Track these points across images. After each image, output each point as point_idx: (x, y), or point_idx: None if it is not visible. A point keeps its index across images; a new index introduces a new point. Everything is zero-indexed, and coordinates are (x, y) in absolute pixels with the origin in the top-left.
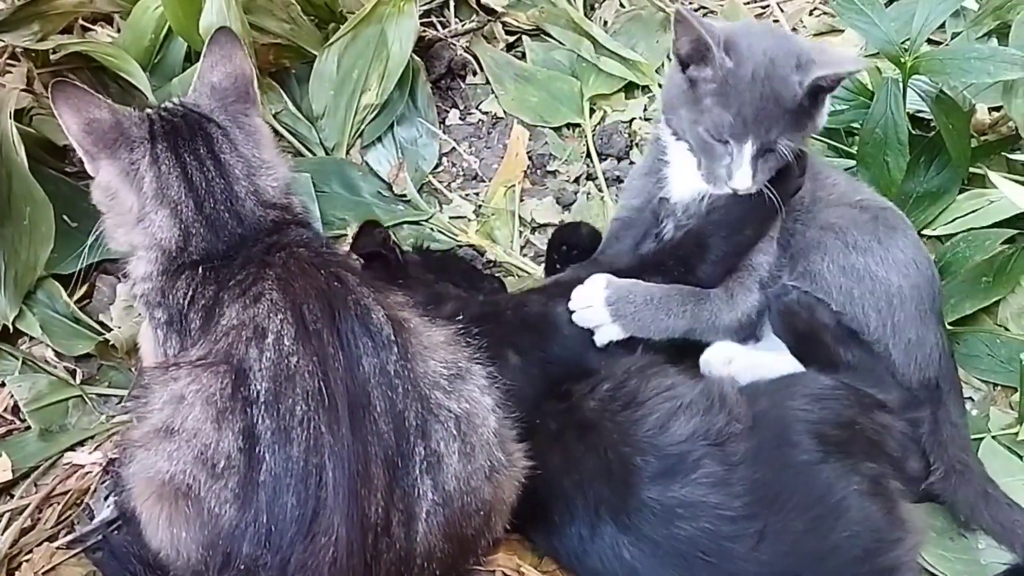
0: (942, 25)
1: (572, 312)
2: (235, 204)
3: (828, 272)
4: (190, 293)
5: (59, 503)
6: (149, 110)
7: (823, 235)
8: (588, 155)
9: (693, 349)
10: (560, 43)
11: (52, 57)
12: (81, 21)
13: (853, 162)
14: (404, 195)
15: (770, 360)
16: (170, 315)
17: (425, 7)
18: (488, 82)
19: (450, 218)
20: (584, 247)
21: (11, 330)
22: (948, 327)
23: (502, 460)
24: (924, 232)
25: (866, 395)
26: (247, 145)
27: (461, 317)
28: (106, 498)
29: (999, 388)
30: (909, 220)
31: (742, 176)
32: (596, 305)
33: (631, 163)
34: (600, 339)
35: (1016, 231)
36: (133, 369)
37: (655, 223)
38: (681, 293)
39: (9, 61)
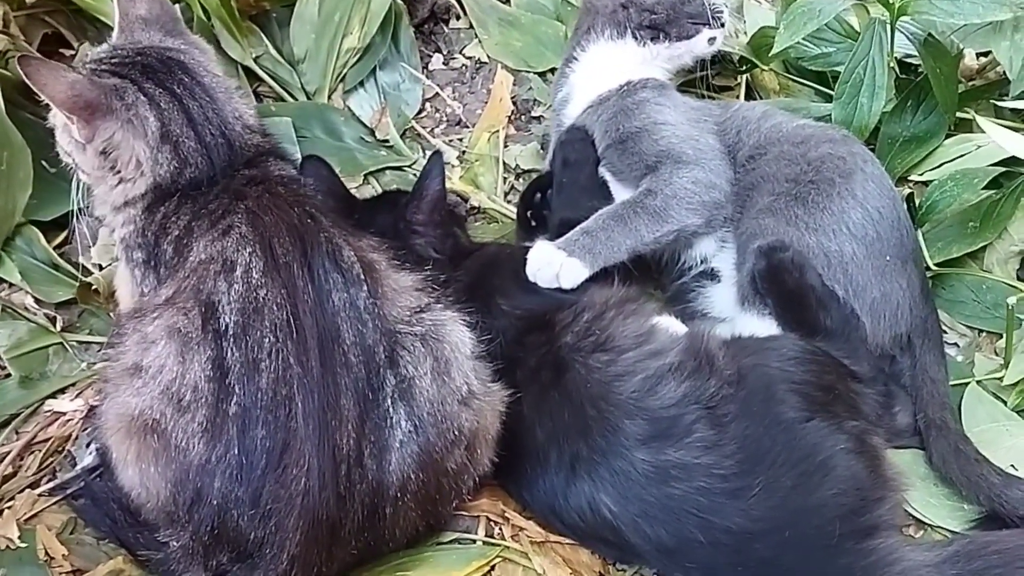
0: None
1: (535, 279)
2: (226, 129)
3: None
4: (165, 222)
5: (40, 450)
6: (97, 64)
7: (774, 222)
8: None
9: None
10: None
11: (28, 0)
12: None
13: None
14: (387, 140)
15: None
16: (148, 252)
17: None
18: (471, 26)
19: None
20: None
21: None
22: (934, 268)
23: (478, 386)
24: (910, 177)
25: (840, 364)
26: (214, 69)
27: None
28: (87, 445)
29: (984, 334)
30: (878, 161)
31: None
32: (551, 255)
33: None
34: (568, 282)
35: (1005, 168)
36: (112, 315)
37: None
38: (607, 211)
39: None
